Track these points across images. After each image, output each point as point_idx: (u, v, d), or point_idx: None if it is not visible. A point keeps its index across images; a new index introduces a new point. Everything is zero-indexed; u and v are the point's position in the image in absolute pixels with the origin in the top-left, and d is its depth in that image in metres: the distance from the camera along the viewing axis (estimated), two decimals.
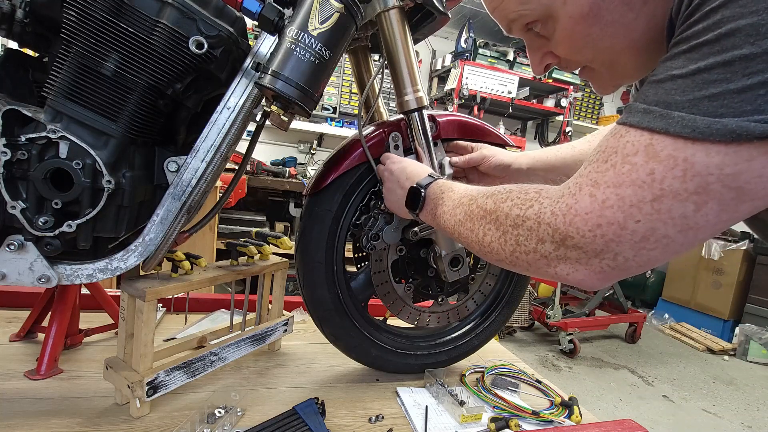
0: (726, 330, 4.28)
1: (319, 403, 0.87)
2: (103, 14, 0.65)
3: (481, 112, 4.26)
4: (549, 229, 0.47)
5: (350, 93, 4.01)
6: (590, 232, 0.44)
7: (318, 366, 1.08)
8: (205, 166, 0.75)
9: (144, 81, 0.70)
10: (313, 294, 0.96)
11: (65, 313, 0.94)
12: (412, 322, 1.05)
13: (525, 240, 0.50)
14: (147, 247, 0.75)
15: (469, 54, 4.32)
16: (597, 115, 5.33)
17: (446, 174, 0.93)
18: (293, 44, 0.72)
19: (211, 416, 0.78)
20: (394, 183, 0.84)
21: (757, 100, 0.36)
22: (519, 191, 0.54)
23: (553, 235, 0.47)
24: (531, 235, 0.49)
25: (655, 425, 2.59)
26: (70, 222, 0.70)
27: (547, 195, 0.49)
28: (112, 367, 0.81)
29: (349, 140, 0.95)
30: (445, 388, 0.97)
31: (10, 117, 0.66)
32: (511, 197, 0.54)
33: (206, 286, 0.93)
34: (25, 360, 0.94)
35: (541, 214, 0.48)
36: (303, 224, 0.95)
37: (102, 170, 0.69)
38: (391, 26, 0.87)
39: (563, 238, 0.46)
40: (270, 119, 0.79)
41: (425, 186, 0.75)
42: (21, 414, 0.77)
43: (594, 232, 0.43)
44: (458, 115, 1.04)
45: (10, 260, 0.70)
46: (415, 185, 0.77)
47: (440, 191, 0.72)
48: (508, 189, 0.56)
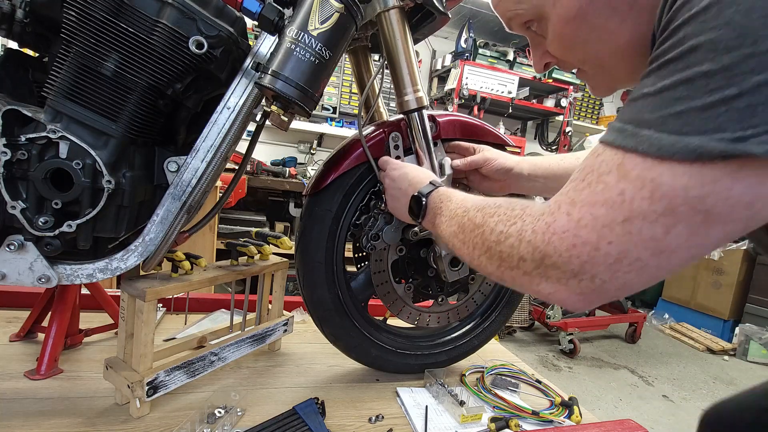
0: (726, 330, 4.28)
1: (319, 403, 0.87)
2: (103, 14, 0.65)
3: (481, 112, 4.26)
4: (529, 247, 0.47)
5: (350, 93, 4.01)
6: (566, 251, 0.44)
7: (318, 366, 1.08)
8: (205, 166, 0.75)
9: (144, 81, 0.70)
10: (313, 294, 0.96)
11: (65, 313, 0.94)
12: (412, 322, 1.05)
13: (508, 257, 0.50)
14: (147, 247, 0.75)
15: (469, 54, 4.32)
16: (597, 115, 5.33)
17: (446, 174, 0.93)
18: (293, 44, 0.72)
19: (211, 416, 0.78)
20: (397, 190, 0.84)
21: (718, 118, 0.36)
22: (507, 207, 0.54)
23: (533, 253, 0.47)
24: (513, 252, 0.49)
25: (655, 425, 2.59)
26: (70, 222, 0.70)
27: (530, 212, 0.50)
28: (112, 367, 0.81)
29: (349, 140, 0.95)
30: (445, 388, 0.97)
31: (10, 117, 0.66)
32: (498, 212, 0.54)
33: (206, 286, 0.93)
34: (25, 360, 0.94)
35: (523, 231, 0.48)
36: (303, 224, 0.95)
37: (102, 170, 0.70)
38: (391, 26, 0.87)
39: (542, 257, 0.46)
40: (270, 119, 0.79)
41: (426, 195, 0.75)
42: (21, 414, 0.77)
43: (570, 252, 0.43)
44: (458, 115, 1.04)
45: (10, 260, 0.70)
46: (417, 194, 0.77)
47: (439, 200, 0.72)
48: (497, 204, 0.57)
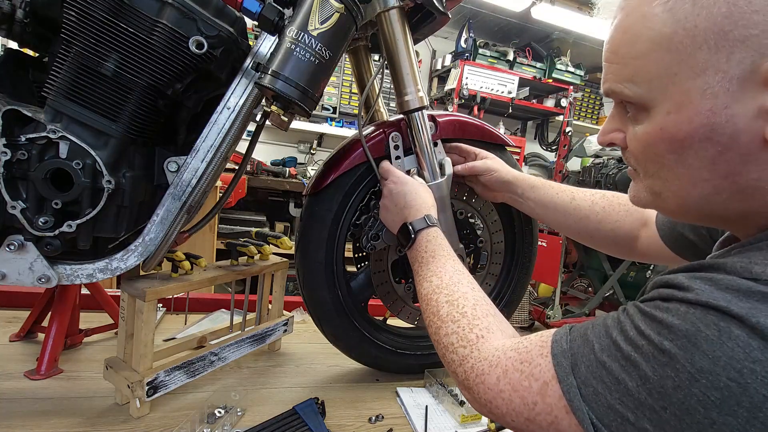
0: None
1: (319, 403, 0.87)
2: (103, 14, 0.65)
3: (481, 112, 4.25)
4: (462, 374, 0.55)
5: (350, 93, 4.00)
6: (483, 401, 0.52)
7: (318, 366, 1.08)
8: (205, 166, 0.75)
9: (144, 81, 0.70)
10: (313, 294, 0.96)
11: (65, 313, 0.94)
12: (412, 322, 1.05)
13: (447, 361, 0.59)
14: (147, 247, 0.75)
15: (469, 54, 4.32)
16: (597, 115, 5.33)
17: (446, 174, 0.93)
18: (293, 44, 0.72)
19: (211, 416, 0.78)
20: (392, 206, 0.85)
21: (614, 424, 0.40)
22: (471, 318, 0.60)
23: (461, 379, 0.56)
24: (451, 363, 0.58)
25: None
26: (70, 222, 0.70)
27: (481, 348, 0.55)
28: (112, 367, 0.81)
29: (349, 140, 0.95)
30: (445, 388, 0.97)
31: (10, 117, 0.66)
32: (460, 324, 0.60)
33: (206, 286, 0.93)
34: (25, 360, 0.94)
35: (465, 360, 0.56)
36: (303, 224, 0.95)
37: (102, 170, 0.69)
38: (391, 26, 0.87)
39: (466, 387, 0.55)
40: (270, 119, 0.79)
41: (416, 231, 0.77)
42: (21, 414, 0.77)
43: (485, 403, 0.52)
44: (458, 115, 1.04)
45: (10, 260, 0.70)
46: (409, 225, 0.78)
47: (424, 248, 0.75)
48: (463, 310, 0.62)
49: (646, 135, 0.47)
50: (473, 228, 1.06)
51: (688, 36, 0.40)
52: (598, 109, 5.33)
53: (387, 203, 0.86)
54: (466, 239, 1.04)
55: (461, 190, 1.02)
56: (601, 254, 3.04)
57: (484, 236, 1.07)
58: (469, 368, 0.55)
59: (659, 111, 0.45)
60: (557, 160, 3.98)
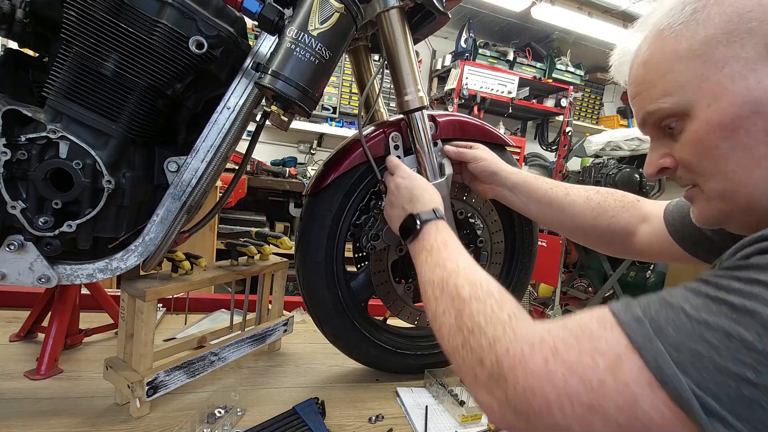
0: None
1: (319, 403, 0.87)
2: (103, 14, 0.65)
3: (481, 112, 4.25)
4: (494, 359, 0.45)
5: (350, 93, 4.00)
6: (522, 390, 0.42)
7: (318, 366, 1.08)
8: (205, 166, 0.75)
9: (144, 81, 0.70)
10: (313, 294, 0.96)
11: (65, 313, 0.94)
12: (412, 322, 1.05)
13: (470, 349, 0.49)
14: (147, 247, 0.75)
15: (469, 54, 4.32)
16: (597, 115, 5.33)
17: (446, 174, 0.93)
18: (293, 44, 0.72)
19: (211, 416, 0.78)
20: (397, 199, 0.81)
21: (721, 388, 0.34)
22: (498, 298, 0.52)
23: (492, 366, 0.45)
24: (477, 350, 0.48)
25: None
26: (70, 222, 0.70)
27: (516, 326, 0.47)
28: (112, 367, 0.81)
29: (349, 140, 0.95)
30: (445, 388, 0.97)
31: (10, 117, 0.66)
32: (487, 302, 0.51)
33: (206, 286, 0.93)
34: (25, 360, 0.94)
35: (498, 341, 0.46)
36: (303, 224, 0.95)
37: (102, 170, 0.69)
38: (391, 26, 0.87)
39: (498, 377, 0.45)
40: (270, 119, 0.79)
41: (423, 222, 0.73)
42: (21, 414, 0.77)
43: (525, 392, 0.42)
44: (458, 115, 1.04)
45: (10, 260, 0.70)
46: (416, 214, 0.74)
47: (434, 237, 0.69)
48: (489, 289, 0.54)
49: (695, 133, 0.49)
50: (473, 228, 1.06)
51: (703, 43, 0.47)
52: (598, 109, 5.34)
53: (392, 199, 0.82)
54: (466, 239, 1.04)
55: (461, 190, 1.02)
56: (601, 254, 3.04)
57: (484, 236, 1.07)
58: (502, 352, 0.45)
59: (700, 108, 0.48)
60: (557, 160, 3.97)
